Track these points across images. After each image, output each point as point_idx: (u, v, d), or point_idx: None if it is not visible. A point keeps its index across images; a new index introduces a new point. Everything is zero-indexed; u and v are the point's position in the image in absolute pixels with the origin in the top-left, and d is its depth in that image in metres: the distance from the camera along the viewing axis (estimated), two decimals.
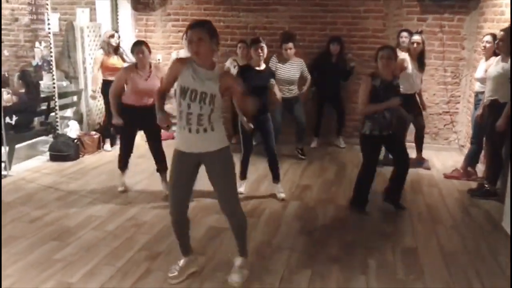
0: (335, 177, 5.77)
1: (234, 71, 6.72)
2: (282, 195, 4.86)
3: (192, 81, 2.87)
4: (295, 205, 4.76)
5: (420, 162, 6.08)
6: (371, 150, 4.49)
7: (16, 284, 3.18)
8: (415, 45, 5.76)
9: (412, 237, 4.06)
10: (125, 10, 7.70)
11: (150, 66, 4.82)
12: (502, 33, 4.70)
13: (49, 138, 6.93)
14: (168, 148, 4.10)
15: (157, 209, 4.56)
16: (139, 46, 4.73)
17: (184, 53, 6.60)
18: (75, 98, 7.39)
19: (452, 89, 6.97)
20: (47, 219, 4.30)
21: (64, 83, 7.33)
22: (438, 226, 4.28)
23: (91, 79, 6.81)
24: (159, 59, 7.74)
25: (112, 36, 6.49)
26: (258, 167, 5.78)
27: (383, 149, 4.77)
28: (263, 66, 4.91)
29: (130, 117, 4.77)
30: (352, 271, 3.42)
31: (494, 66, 4.83)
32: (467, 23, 6.76)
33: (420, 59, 5.78)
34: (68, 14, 7.93)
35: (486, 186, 5.01)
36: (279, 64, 6.19)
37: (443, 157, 6.66)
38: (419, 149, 6.17)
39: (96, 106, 7.42)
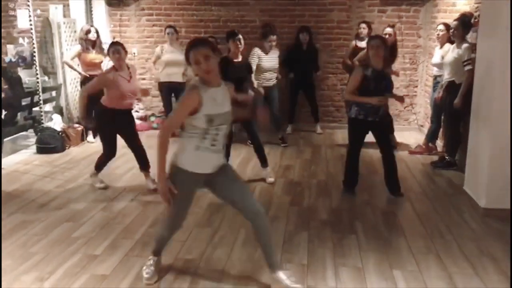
0: (312, 157, 6.29)
1: None
2: (271, 179, 5.18)
3: (216, 107, 2.76)
4: (281, 182, 5.23)
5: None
6: (354, 133, 4.73)
7: (46, 258, 3.48)
8: (387, 36, 6.34)
9: (388, 203, 4.63)
10: (99, 5, 7.89)
11: (128, 68, 4.82)
12: (455, 22, 5.33)
13: (29, 133, 7.11)
14: (149, 138, 4.46)
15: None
16: (115, 47, 4.72)
17: (168, 47, 6.89)
18: (53, 93, 7.54)
19: (411, 74, 7.65)
20: (54, 204, 4.57)
21: (43, 79, 7.46)
22: (409, 193, 4.87)
23: (69, 68, 6.96)
24: (134, 53, 7.99)
25: (88, 31, 6.69)
26: (241, 152, 6.23)
27: None
28: (240, 58, 5.28)
29: (110, 120, 4.74)
30: (343, 232, 3.94)
31: (450, 52, 5.46)
32: (422, 14, 7.44)
33: (391, 50, 6.35)
34: (41, 10, 8.01)
35: (447, 158, 5.67)
36: (262, 54, 6.60)
37: (404, 136, 7.31)
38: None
39: (74, 100, 7.60)
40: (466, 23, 5.26)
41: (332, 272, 3.27)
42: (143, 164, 4.99)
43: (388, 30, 6.46)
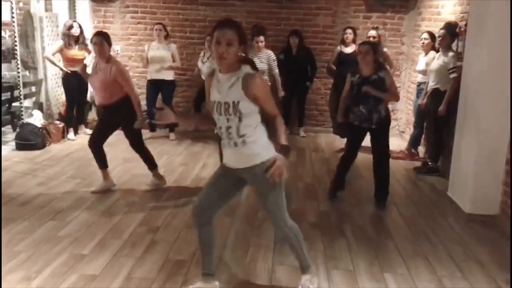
0: (297, 160, 6.31)
1: (203, 67, 6.96)
2: None
3: (216, 93, 2.63)
4: None
5: None
6: (349, 137, 4.83)
7: (31, 257, 3.39)
8: (371, 39, 6.44)
9: (374, 205, 4.68)
10: (83, 0, 7.75)
11: (107, 61, 4.54)
12: (442, 31, 5.44)
13: (6, 129, 6.93)
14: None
15: (143, 190, 4.85)
16: (95, 36, 4.58)
17: (154, 43, 6.81)
18: (33, 88, 7.35)
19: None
20: (37, 202, 4.46)
21: (23, 73, 7.28)
22: (394, 197, 4.93)
23: (50, 63, 6.82)
24: (117, 50, 7.87)
25: (71, 27, 6.58)
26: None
27: None
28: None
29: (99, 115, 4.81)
30: (332, 235, 3.96)
31: (436, 60, 5.57)
32: (406, 21, 7.57)
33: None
34: (23, 2, 7.81)
35: (430, 164, 5.77)
36: (250, 56, 6.58)
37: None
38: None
39: (54, 96, 7.45)
40: (452, 32, 5.38)
41: (324, 275, 3.29)
42: (148, 162, 4.96)
43: (372, 32, 6.58)
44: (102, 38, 4.52)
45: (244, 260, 3.47)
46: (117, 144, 5.75)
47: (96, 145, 4.71)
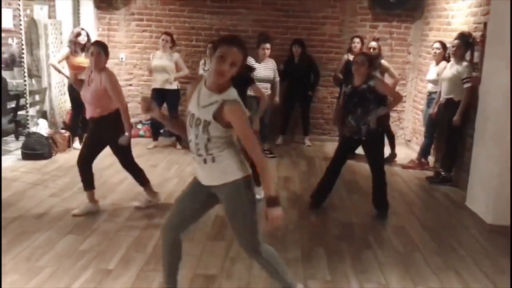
0: (308, 169, 6.27)
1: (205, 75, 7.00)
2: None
3: (194, 104, 2.53)
4: (285, 195, 5.17)
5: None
6: (339, 147, 4.78)
7: (56, 273, 3.28)
8: (371, 50, 6.46)
9: (396, 217, 4.65)
10: (87, 7, 7.66)
11: (100, 71, 4.27)
12: (456, 41, 5.45)
13: (9, 138, 6.79)
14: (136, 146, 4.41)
15: (162, 203, 4.76)
16: (94, 46, 4.33)
17: (159, 53, 6.75)
18: (37, 97, 7.22)
19: (399, 89, 7.74)
20: (52, 215, 4.34)
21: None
22: (413, 208, 4.92)
23: (55, 71, 6.71)
24: (122, 58, 7.79)
25: (78, 34, 6.48)
26: None
27: None
28: None
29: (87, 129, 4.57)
30: (358, 247, 3.91)
31: (449, 69, 5.58)
32: (412, 31, 7.60)
33: (369, 62, 6.42)
34: (24, 10, 7.69)
35: (443, 173, 5.76)
36: (256, 64, 6.54)
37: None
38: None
39: (58, 104, 7.33)
40: (466, 42, 5.39)
41: None
42: (137, 177, 4.59)
43: (373, 44, 6.60)
44: (100, 49, 4.27)
45: (326, 278, 3.38)
46: None
47: (85, 163, 4.43)
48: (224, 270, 3.43)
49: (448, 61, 5.88)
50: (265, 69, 6.66)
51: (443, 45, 6.01)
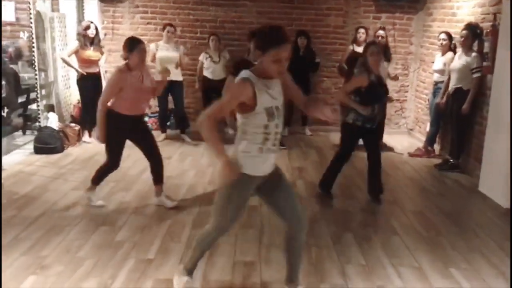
0: (319, 158, 6.38)
1: (206, 63, 7.08)
2: None
3: (271, 99, 2.57)
4: (302, 184, 5.29)
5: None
6: (348, 138, 4.71)
7: (98, 264, 3.34)
8: (379, 38, 6.59)
9: (412, 203, 4.80)
10: (91, 0, 7.62)
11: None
12: (464, 31, 5.60)
13: (17, 133, 6.77)
14: None
15: (185, 193, 4.83)
16: (142, 45, 4.20)
17: (163, 44, 6.75)
18: (43, 91, 7.18)
19: (402, 79, 7.92)
20: (79, 208, 4.38)
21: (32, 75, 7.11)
22: (427, 193, 5.08)
23: (65, 64, 6.70)
24: None
25: (87, 27, 6.47)
26: None
27: None
28: None
29: (123, 128, 4.21)
30: (385, 232, 4.05)
31: (457, 59, 5.73)
32: (415, 22, 7.74)
33: (385, 52, 6.59)
34: (26, 2, 7.62)
35: (451, 160, 5.94)
36: None
37: (396, 139, 7.57)
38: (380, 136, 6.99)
39: (64, 98, 7.30)
40: (474, 32, 5.54)
41: (394, 272, 3.36)
42: (158, 177, 4.48)
43: (381, 32, 6.75)
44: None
45: (312, 261, 3.51)
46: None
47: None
48: (262, 256, 3.52)
49: (454, 51, 6.03)
50: None
51: (449, 35, 6.15)
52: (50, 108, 7.14)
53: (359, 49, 6.91)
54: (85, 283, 3.09)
